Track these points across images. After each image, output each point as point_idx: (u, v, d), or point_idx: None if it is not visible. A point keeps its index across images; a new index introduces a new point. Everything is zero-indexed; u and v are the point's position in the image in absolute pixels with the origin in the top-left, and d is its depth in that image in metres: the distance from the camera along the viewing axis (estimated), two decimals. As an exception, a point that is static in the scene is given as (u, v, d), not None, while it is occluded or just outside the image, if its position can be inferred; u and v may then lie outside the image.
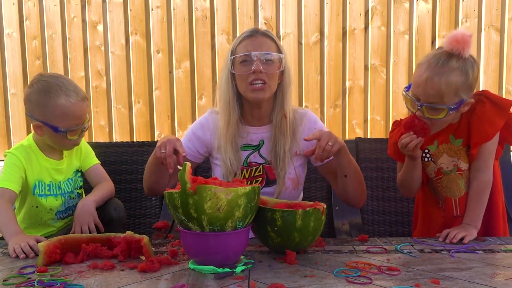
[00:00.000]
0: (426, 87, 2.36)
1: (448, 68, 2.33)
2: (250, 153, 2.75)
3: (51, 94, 2.65)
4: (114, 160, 3.53)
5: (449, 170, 2.56)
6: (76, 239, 2.23)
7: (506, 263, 2.04)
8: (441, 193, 2.64)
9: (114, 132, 4.43)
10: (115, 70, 4.39)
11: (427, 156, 2.62)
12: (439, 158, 2.59)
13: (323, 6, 4.30)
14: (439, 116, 2.36)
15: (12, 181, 2.62)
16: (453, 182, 2.58)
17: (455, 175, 2.56)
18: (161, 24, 4.37)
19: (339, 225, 3.31)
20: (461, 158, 2.54)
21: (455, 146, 2.55)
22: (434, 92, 2.33)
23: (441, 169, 2.59)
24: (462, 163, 2.54)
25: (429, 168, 2.64)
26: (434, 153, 2.60)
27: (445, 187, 2.60)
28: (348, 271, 1.96)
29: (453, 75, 2.32)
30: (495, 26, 4.27)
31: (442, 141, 2.56)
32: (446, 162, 2.57)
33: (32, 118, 2.71)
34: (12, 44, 4.42)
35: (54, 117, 2.64)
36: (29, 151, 2.75)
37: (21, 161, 2.69)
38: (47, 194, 2.77)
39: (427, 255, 2.16)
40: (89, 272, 2.00)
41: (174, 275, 1.95)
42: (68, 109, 2.67)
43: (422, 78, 2.37)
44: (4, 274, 1.99)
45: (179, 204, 1.95)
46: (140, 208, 3.24)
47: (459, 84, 2.32)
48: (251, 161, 2.72)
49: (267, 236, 2.16)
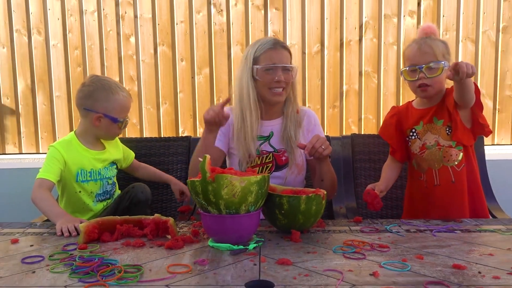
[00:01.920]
0: (422, 49, 2.60)
1: (431, 39, 2.62)
2: (261, 143, 2.85)
3: (113, 90, 2.80)
4: (144, 152, 3.55)
5: (431, 145, 2.69)
6: (112, 220, 2.25)
7: (480, 241, 2.05)
8: (423, 166, 2.74)
9: (144, 129, 4.43)
10: (145, 76, 4.39)
11: (414, 134, 2.77)
12: (424, 136, 2.72)
13: (324, 21, 4.29)
14: (437, 73, 2.56)
15: (50, 172, 2.69)
16: (434, 155, 2.69)
17: (435, 149, 2.69)
18: (185, 36, 4.36)
19: (337, 209, 3.31)
20: (441, 136, 2.68)
21: (437, 126, 2.69)
22: (429, 50, 2.57)
23: (425, 144, 2.71)
24: (441, 140, 2.67)
25: (415, 145, 2.77)
26: (420, 131, 2.74)
27: (427, 159, 2.71)
28: (345, 248, 1.97)
29: (437, 41, 2.63)
30: (471, 38, 4.25)
31: (427, 122, 2.72)
32: (429, 138, 2.71)
33: (92, 112, 2.81)
34: (57, 54, 4.42)
35: (113, 109, 2.81)
36: (70, 144, 2.82)
37: (62, 154, 2.75)
38: (88, 180, 2.83)
39: (412, 234, 2.16)
40: (123, 249, 2.01)
41: (196, 252, 1.96)
42: (125, 103, 2.86)
43: (416, 47, 2.64)
44: (50, 251, 2.00)
45: (200, 191, 1.96)
46: (166, 194, 3.25)
47: (443, 47, 2.61)
48: (262, 150, 2.82)
49: (275, 218, 2.17)
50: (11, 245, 2.11)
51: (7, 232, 2.34)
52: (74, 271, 1.72)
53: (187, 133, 4.43)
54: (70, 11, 4.40)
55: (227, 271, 1.71)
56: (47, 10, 4.41)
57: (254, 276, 1.64)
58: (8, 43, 4.45)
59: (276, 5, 4.30)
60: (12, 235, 2.27)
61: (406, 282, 1.56)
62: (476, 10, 4.25)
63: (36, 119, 4.53)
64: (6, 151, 4.57)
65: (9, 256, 1.94)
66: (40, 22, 4.42)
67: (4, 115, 4.53)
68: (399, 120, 2.83)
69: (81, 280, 1.64)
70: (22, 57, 4.46)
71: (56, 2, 4.39)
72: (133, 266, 1.76)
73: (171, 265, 1.77)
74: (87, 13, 4.39)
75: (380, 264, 1.75)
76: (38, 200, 2.55)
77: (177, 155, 3.61)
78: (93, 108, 2.80)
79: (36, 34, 4.43)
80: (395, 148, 2.84)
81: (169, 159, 3.61)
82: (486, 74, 4.30)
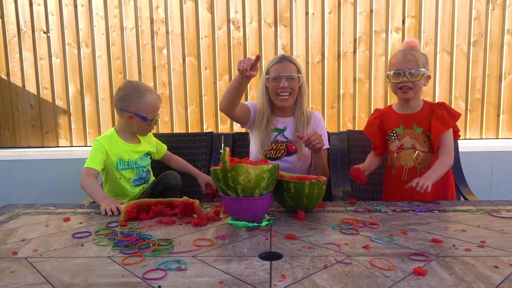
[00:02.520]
0: (406, 58, 2.59)
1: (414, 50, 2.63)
2: (277, 134, 3.00)
3: (142, 93, 2.80)
4: (175, 146, 3.56)
5: (408, 147, 2.68)
6: (147, 202, 2.26)
7: (455, 219, 2.05)
8: (396, 163, 2.74)
9: (174, 126, 4.44)
10: (175, 82, 4.39)
11: (394, 135, 2.75)
12: (403, 138, 2.71)
13: (324, 36, 4.27)
14: (417, 78, 2.57)
15: (95, 162, 2.72)
16: (408, 156, 2.69)
17: (410, 151, 2.68)
18: (208, 49, 4.36)
19: (335, 192, 3.31)
20: (418, 142, 2.67)
21: (416, 132, 2.67)
22: (412, 58, 2.57)
23: (402, 145, 2.70)
24: (418, 145, 2.67)
25: (394, 144, 2.76)
26: (400, 133, 2.72)
27: (402, 158, 2.71)
28: (342, 225, 1.97)
29: (419, 53, 2.63)
30: (447, 50, 4.23)
31: (407, 127, 2.69)
32: (407, 141, 2.69)
33: (125, 111, 2.82)
34: (101, 63, 4.44)
35: (143, 109, 2.80)
36: (111, 139, 2.86)
37: (104, 147, 2.78)
38: (126, 168, 2.85)
39: (398, 214, 2.16)
40: (157, 226, 2.02)
41: (217, 228, 1.96)
42: (153, 103, 2.83)
43: (401, 55, 2.63)
44: (96, 227, 2.03)
45: (221, 177, 1.97)
46: (193, 180, 3.25)
47: (424, 58, 2.62)
48: (277, 140, 2.96)
49: (284, 200, 2.18)
50: (63, 222, 2.13)
51: (60, 212, 2.36)
52: (116, 244, 1.73)
53: (210, 129, 4.44)
54: (112, 28, 4.41)
55: (244, 244, 1.71)
56: (93, 27, 4.42)
57: (266, 249, 1.65)
58: (61, 54, 4.47)
59: (284, 22, 4.30)
60: (64, 214, 2.28)
61: (393, 254, 1.56)
62: (451, 26, 4.23)
63: (84, 117, 4.55)
64: (59, 144, 4.60)
65: (62, 232, 1.96)
66: (87, 36, 4.44)
67: (57, 114, 4.55)
68: (381, 121, 2.81)
69: (122, 252, 1.65)
70: (73, 66, 4.48)
71: (101, 20, 4.40)
72: (165, 240, 1.77)
73: (196, 239, 1.78)
74: (127, 29, 4.40)
75: (371, 239, 1.75)
76: (86, 185, 2.57)
77: (202, 147, 3.62)
78: (126, 108, 2.80)
79: (84, 47, 4.45)
80: (376, 145, 2.83)
81: (195, 151, 3.62)
82: (459, 81, 4.28)
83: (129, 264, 1.51)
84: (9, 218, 2.23)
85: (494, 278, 1.34)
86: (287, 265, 1.47)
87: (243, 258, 1.55)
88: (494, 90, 4.30)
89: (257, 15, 4.32)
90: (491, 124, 4.35)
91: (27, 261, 1.57)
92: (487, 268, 1.41)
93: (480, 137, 4.37)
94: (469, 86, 4.30)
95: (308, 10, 4.29)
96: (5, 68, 4.52)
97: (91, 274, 1.42)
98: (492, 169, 4.11)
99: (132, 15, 4.39)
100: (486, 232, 1.84)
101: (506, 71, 4.26)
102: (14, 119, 4.59)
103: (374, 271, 1.40)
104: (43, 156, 4.34)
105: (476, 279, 1.32)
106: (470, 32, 4.25)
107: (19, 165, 4.34)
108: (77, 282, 1.35)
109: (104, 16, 4.41)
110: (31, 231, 1.97)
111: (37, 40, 4.48)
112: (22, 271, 1.46)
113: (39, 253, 1.66)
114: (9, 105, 4.57)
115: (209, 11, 4.35)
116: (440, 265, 1.44)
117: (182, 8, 4.36)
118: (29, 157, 4.35)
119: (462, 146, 3.87)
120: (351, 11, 4.28)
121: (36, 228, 2.02)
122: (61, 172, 4.31)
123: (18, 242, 1.81)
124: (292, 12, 4.30)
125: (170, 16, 4.37)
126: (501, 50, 4.25)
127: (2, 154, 4.36)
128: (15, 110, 4.57)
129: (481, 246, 1.64)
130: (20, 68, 4.51)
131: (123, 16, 4.40)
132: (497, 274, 1.37)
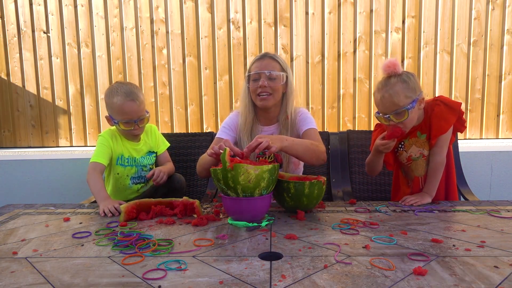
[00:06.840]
0: (383, 104, 2.40)
1: (390, 85, 2.37)
2: None
3: (112, 95, 2.79)
4: (174, 146, 3.56)
5: (416, 157, 2.59)
6: (147, 202, 2.26)
7: (455, 220, 2.04)
8: (411, 174, 2.66)
9: (174, 126, 4.44)
10: (175, 82, 4.39)
11: (401, 147, 2.65)
12: (410, 148, 2.61)
13: (324, 36, 4.27)
14: (404, 118, 2.38)
15: (101, 156, 2.76)
16: (419, 166, 2.60)
17: (421, 160, 2.59)
18: (208, 49, 4.36)
19: (335, 192, 3.31)
20: (425, 148, 2.57)
21: (421, 140, 2.58)
22: (389, 104, 2.37)
23: (411, 157, 2.61)
24: (425, 151, 2.57)
25: (402, 156, 2.67)
26: (406, 144, 2.62)
27: (414, 169, 2.62)
28: (342, 225, 1.97)
29: (396, 86, 2.35)
30: (447, 50, 4.23)
31: (412, 136, 2.59)
32: (414, 151, 2.60)
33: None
34: (102, 63, 4.44)
35: (112, 111, 2.82)
36: (115, 133, 2.91)
37: (109, 141, 2.84)
38: (125, 165, 2.89)
39: (398, 214, 2.15)
40: (157, 226, 2.02)
41: (217, 228, 1.96)
42: (119, 106, 2.78)
43: (378, 100, 2.43)
44: (96, 227, 2.03)
45: (221, 177, 1.97)
46: (193, 180, 3.26)
47: (403, 90, 2.35)
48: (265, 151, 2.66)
49: (284, 200, 2.18)
50: (63, 222, 2.13)
51: (60, 212, 2.36)
52: (116, 244, 1.73)
53: (210, 130, 4.43)
54: (112, 28, 4.41)
55: (244, 244, 1.71)
56: (93, 26, 4.43)
57: (266, 249, 1.64)
58: (61, 54, 4.47)
59: (284, 22, 4.30)
60: (64, 214, 2.29)
61: (393, 254, 1.56)
62: (451, 26, 4.23)
63: (84, 117, 4.55)
64: (59, 144, 4.60)
65: (62, 232, 1.96)
66: (87, 36, 4.44)
67: (57, 114, 4.55)
68: None
69: (122, 252, 1.65)
70: (73, 66, 4.48)
71: (101, 20, 4.41)
72: (165, 240, 1.77)
73: (196, 239, 1.78)
74: (127, 29, 4.41)
75: (371, 239, 1.75)
76: (91, 182, 2.58)
77: (202, 147, 3.62)
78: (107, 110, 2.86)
79: (84, 47, 4.45)
80: (390, 163, 2.73)
81: (195, 151, 3.62)
82: (459, 81, 4.28)
83: (129, 264, 1.51)
84: (9, 218, 2.24)
85: (494, 278, 1.34)
86: (287, 265, 1.47)
87: (243, 258, 1.55)
88: (494, 90, 4.30)
89: (257, 15, 4.32)
90: (491, 124, 4.35)
91: (27, 261, 1.57)
92: (487, 268, 1.41)
93: (480, 137, 4.37)
94: (469, 86, 4.30)
95: (308, 10, 4.29)
96: (5, 68, 4.52)
97: (91, 274, 1.42)
98: (492, 169, 4.11)
99: (132, 15, 4.39)
100: (486, 232, 1.84)
101: (506, 71, 4.27)
102: (14, 119, 4.59)
103: (374, 271, 1.40)
104: (43, 156, 4.34)
105: (476, 279, 1.32)
106: (470, 32, 4.25)
107: (19, 165, 4.34)
108: (77, 282, 1.35)
109: (104, 16, 4.41)
110: (31, 231, 1.97)
111: (37, 40, 4.49)
112: (22, 271, 1.46)
113: (39, 253, 1.65)
114: (9, 105, 4.57)
115: (209, 11, 4.35)
116: (440, 265, 1.44)
117: (182, 8, 4.36)
118: (29, 157, 4.35)
119: (462, 146, 3.87)
120: (351, 11, 4.28)
121: (36, 228, 2.02)
122: (61, 172, 4.30)
123: (18, 242, 1.81)
124: (292, 12, 4.31)
125: (170, 16, 4.38)
126: (501, 50, 4.26)
127: (2, 154, 4.36)
128: (15, 110, 4.57)
129: (481, 246, 1.64)
130: (20, 68, 4.51)
131: (123, 16, 4.40)
132: (497, 274, 1.37)
